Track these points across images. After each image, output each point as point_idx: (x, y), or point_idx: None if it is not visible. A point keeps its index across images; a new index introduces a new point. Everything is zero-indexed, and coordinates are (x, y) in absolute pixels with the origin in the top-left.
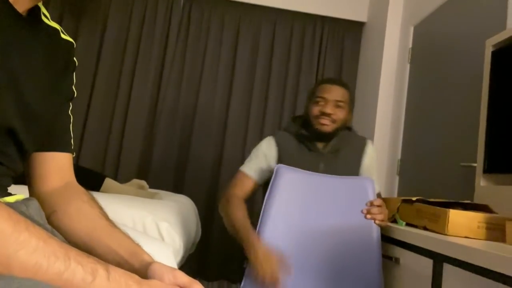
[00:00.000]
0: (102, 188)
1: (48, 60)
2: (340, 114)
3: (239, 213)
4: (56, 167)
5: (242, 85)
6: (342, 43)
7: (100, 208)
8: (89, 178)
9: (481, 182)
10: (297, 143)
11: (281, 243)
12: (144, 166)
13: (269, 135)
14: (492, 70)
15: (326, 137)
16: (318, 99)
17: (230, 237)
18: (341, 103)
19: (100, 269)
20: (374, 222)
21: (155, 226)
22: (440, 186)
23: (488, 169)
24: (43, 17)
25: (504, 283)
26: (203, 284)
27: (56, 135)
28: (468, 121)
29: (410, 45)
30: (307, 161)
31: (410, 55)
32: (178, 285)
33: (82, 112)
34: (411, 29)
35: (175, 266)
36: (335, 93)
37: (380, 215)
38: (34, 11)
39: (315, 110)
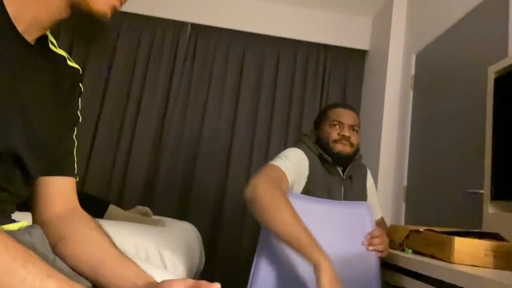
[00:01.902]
0: (106, 215)
1: (54, 86)
2: (355, 139)
3: (295, 215)
4: (58, 191)
5: (246, 112)
6: (345, 71)
7: (108, 236)
8: (94, 205)
9: (489, 209)
10: (320, 164)
11: (278, 272)
12: (148, 193)
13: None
14: (495, 97)
15: (346, 160)
16: (335, 123)
17: (234, 264)
18: (355, 127)
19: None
20: (377, 254)
21: (158, 254)
22: (447, 213)
23: (496, 196)
24: (50, 45)
25: None
26: None
27: (59, 160)
28: (473, 147)
29: (413, 73)
30: (333, 184)
31: (413, 82)
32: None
33: (88, 139)
34: (413, 57)
35: None
36: (350, 117)
37: (381, 245)
38: (41, 39)
39: (334, 133)
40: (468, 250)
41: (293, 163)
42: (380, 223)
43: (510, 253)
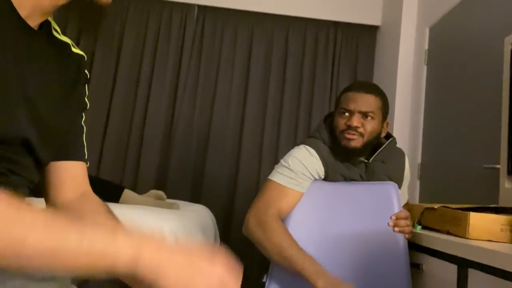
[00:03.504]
0: (121, 199)
1: (59, 73)
2: (368, 127)
3: (285, 238)
4: (69, 176)
5: (256, 94)
6: (356, 48)
7: (116, 219)
8: (108, 190)
9: (506, 184)
10: (335, 159)
11: None
12: (161, 177)
13: (285, 143)
14: None
15: (354, 153)
16: (343, 110)
17: (249, 245)
18: (369, 113)
19: (118, 227)
20: (405, 236)
21: (173, 236)
22: (463, 189)
23: None
24: (53, 32)
25: None
26: None
27: (69, 145)
28: (489, 121)
29: (426, 47)
30: (353, 174)
31: (426, 57)
32: None
33: (101, 126)
34: (427, 30)
35: None
36: (361, 102)
37: (408, 227)
38: (44, 25)
39: (340, 123)
40: (484, 225)
41: (299, 169)
42: (404, 206)
43: None
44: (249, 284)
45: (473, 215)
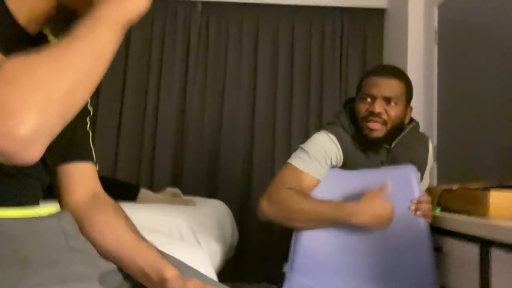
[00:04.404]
0: (138, 199)
1: None
2: (392, 112)
3: (301, 201)
4: (79, 178)
5: (265, 86)
6: (364, 33)
7: (126, 218)
8: (125, 190)
9: None
10: (355, 147)
11: (320, 243)
12: (177, 174)
13: (297, 132)
14: None
15: (377, 143)
16: (365, 96)
17: (268, 237)
18: (393, 99)
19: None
20: (426, 220)
21: (191, 232)
22: (480, 170)
23: None
24: (51, 37)
25: None
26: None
27: (74, 147)
28: (504, 100)
29: (436, 26)
30: (373, 163)
31: (436, 36)
32: None
33: (114, 128)
34: (435, 9)
35: (212, 270)
36: (383, 87)
37: (430, 212)
38: (42, 32)
39: (362, 109)
40: (504, 203)
41: (317, 156)
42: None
43: None
44: (271, 274)
45: (493, 194)
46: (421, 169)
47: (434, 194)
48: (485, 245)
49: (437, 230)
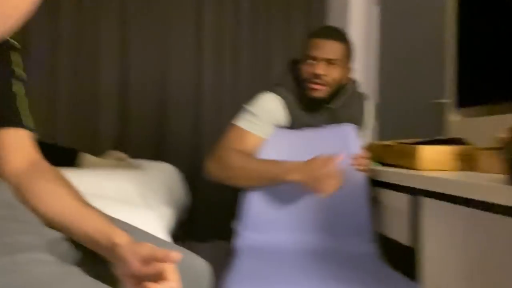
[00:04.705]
0: (78, 163)
1: None
2: (334, 74)
3: (244, 160)
4: (13, 146)
5: (211, 46)
6: None
7: (69, 186)
8: (60, 155)
9: (452, 117)
10: (300, 107)
11: (267, 200)
12: (121, 138)
13: (244, 89)
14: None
15: (319, 103)
16: (307, 58)
17: (218, 197)
18: (334, 61)
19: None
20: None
21: (141, 196)
22: (416, 125)
23: (461, 104)
24: None
25: (486, 210)
26: (197, 246)
27: (4, 113)
28: (438, 58)
29: None
30: (317, 122)
31: None
32: (143, 257)
33: (50, 92)
34: None
35: (164, 233)
36: (327, 49)
37: (368, 166)
38: None
39: (306, 71)
40: (434, 157)
41: (261, 115)
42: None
43: (473, 155)
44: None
45: (420, 148)
46: (361, 126)
47: (374, 150)
48: (415, 194)
49: (375, 183)
